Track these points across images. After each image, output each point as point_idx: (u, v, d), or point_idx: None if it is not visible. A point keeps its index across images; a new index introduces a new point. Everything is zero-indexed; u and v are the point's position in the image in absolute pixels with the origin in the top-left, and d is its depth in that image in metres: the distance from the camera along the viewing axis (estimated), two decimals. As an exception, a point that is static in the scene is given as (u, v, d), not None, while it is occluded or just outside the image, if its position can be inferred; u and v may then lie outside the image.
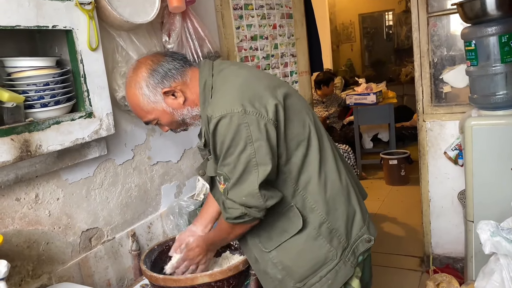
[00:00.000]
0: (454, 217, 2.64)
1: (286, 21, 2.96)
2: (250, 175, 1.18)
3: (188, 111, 1.34)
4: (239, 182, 1.20)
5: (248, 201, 1.20)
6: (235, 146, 1.18)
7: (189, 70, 1.34)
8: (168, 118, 1.34)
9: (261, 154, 1.18)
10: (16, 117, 1.30)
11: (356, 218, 1.36)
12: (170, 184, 2.11)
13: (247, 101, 1.19)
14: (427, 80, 2.55)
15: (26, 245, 1.44)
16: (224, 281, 1.41)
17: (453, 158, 2.49)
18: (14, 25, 1.28)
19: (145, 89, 1.29)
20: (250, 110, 1.18)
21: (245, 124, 1.16)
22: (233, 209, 1.22)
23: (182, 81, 1.31)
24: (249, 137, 1.17)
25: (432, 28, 2.49)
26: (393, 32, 8.11)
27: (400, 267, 2.94)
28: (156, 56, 1.33)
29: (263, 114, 1.19)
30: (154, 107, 1.31)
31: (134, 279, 1.78)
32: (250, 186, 1.19)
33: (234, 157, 1.18)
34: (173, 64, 1.31)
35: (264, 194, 1.19)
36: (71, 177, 1.60)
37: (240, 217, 1.23)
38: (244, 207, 1.21)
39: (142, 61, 1.33)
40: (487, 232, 1.48)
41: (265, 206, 1.21)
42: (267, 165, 1.19)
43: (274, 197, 1.23)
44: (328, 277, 1.30)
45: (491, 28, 1.83)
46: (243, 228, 1.30)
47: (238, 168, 1.19)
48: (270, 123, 1.19)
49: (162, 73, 1.29)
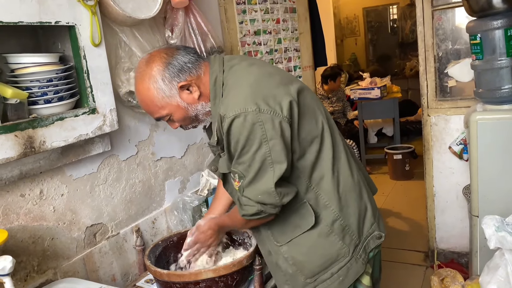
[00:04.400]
0: (458, 212, 2.64)
1: (289, 16, 2.94)
2: (266, 173, 1.18)
3: (202, 107, 1.30)
4: (254, 180, 1.19)
5: (264, 199, 1.20)
6: (250, 145, 1.16)
7: (202, 64, 1.30)
8: (182, 114, 1.30)
9: (276, 152, 1.17)
10: (20, 114, 1.30)
11: (368, 214, 1.36)
12: (174, 179, 2.11)
13: (260, 99, 1.17)
14: (432, 74, 2.53)
15: (31, 241, 1.45)
16: (228, 276, 1.41)
17: (458, 152, 2.48)
18: (17, 21, 1.28)
19: (160, 83, 1.23)
20: (265, 108, 1.16)
21: (260, 123, 1.15)
22: (249, 206, 1.22)
23: (197, 75, 1.27)
24: (264, 135, 1.15)
25: (437, 21, 2.47)
26: (397, 26, 8.05)
27: (405, 262, 2.94)
28: (169, 49, 1.28)
29: (278, 112, 1.17)
30: (169, 102, 1.26)
31: (139, 274, 1.79)
32: (266, 184, 1.18)
33: (249, 156, 1.17)
34: (188, 58, 1.27)
35: (280, 192, 1.19)
36: (75, 173, 1.60)
37: (256, 214, 1.23)
38: (260, 205, 1.21)
39: (155, 54, 1.27)
40: (492, 227, 1.48)
41: (281, 203, 1.21)
42: (283, 163, 1.18)
43: (290, 193, 1.23)
44: (340, 274, 1.30)
45: (496, 22, 1.81)
46: (257, 222, 1.31)
47: (254, 167, 1.18)
48: (284, 120, 1.18)
49: (178, 66, 1.24)
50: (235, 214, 1.37)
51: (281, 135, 1.17)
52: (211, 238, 1.45)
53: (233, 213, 1.42)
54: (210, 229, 1.44)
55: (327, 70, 5.02)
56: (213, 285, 1.40)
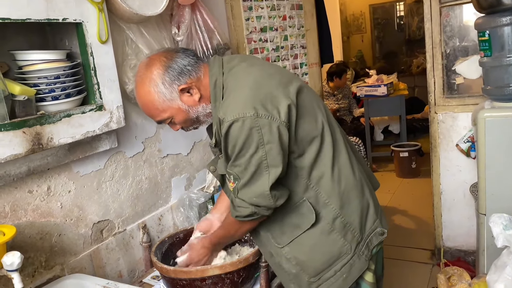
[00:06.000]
0: (465, 210, 2.62)
1: (296, 12, 2.93)
2: (261, 176, 1.19)
3: (203, 108, 1.31)
4: (249, 183, 1.20)
5: (259, 201, 1.21)
6: (247, 148, 1.17)
7: (202, 66, 1.31)
8: (183, 116, 1.31)
9: (272, 156, 1.18)
10: (28, 110, 1.31)
11: (370, 211, 1.36)
12: (180, 176, 2.12)
13: (259, 103, 1.17)
14: (439, 71, 2.51)
15: (39, 237, 1.46)
16: (234, 273, 1.41)
17: (465, 150, 2.46)
18: (25, 18, 1.29)
19: (161, 87, 1.24)
20: (263, 113, 1.16)
21: (257, 128, 1.15)
22: (242, 207, 1.23)
23: (197, 78, 1.28)
24: (261, 140, 1.16)
25: (445, 18, 2.45)
26: (404, 23, 7.99)
27: (411, 260, 2.93)
28: (168, 52, 1.29)
29: (275, 117, 1.17)
30: (170, 105, 1.27)
31: (145, 271, 1.80)
32: (261, 187, 1.19)
33: (246, 159, 1.18)
34: (188, 60, 1.27)
35: (274, 194, 1.20)
36: (82, 169, 1.61)
37: (249, 215, 1.24)
38: (254, 207, 1.22)
39: (155, 58, 1.27)
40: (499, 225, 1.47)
41: (275, 206, 1.23)
42: (278, 166, 1.19)
43: (284, 195, 1.24)
44: (343, 271, 1.30)
45: (505, 18, 1.79)
46: (251, 224, 1.31)
47: (249, 170, 1.19)
48: (282, 125, 1.18)
49: (178, 69, 1.25)
50: (228, 221, 1.38)
51: (279, 139, 1.18)
52: (205, 257, 1.46)
53: (225, 220, 1.42)
54: (204, 247, 1.45)
55: (332, 67, 4.99)
56: (219, 281, 1.40)
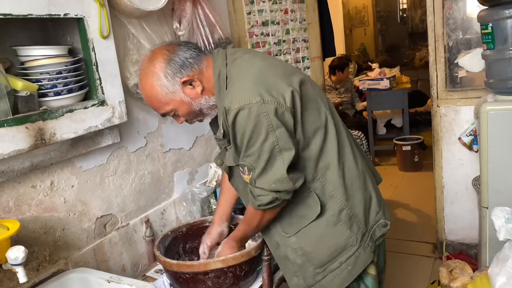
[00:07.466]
0: (468, 203, 2.62)
1: (297, 6, 2.92)
2: (276, 161, 1.20)
3: (206, 101, 1.32)
4: (265, 170, 1.21)
5: (278, 186, 1.21)
6: (257, 136, 1.18)
7: (204, 59, 1.32)
8: (186, 109, 1.32)
9: (283, 140, 1.19)
10: (30, 106, 1.32)
11: (373, 203, 1.37)
12: (183, 171, 2.13)
13: (264, 90, 1.19)
14: (442, 64, 2.50)
15: (42, 231, 1.47)
16: (236, 266, 1.42)
17: (468, 144, 2.46)
18: (26, 13, 1.29)
19: (163, 79, 1.26)
20: (268, 99, 1.17)
21: (265, 114, 1.16)
22: (263, 196, 1.24)
23: (199, 70, 1.30)
24: (270, 125, 1.17)
25: (448, 11, 2.44)
26: (407, 16, 7.95)
27: (413, 253, 2.94)
28: (171, 46, 1.31)
29: (281, 103, 1.19)
30: (172, 97, 1.29)
31: (148, 265, 1.81)
32: (278, 172, 1.20)
33: (257, 147, 1.19)
34: (190, 53, 1.29)
35: (292, 177, 1.22)
36: (85, 164, 1.62)
37: (271, 202, 1.25)
38: (275, 192, 1.22)
39: (157, 51, 1.29)
40: (501, 218, 1.47)
41: (294, 188, 1.24)
42: (291, 149, 1.20)
43: (301, 177, 1.25)
44: (348, 263, 1.31)
45: (508, 11, 1.78)
46: (273, 212, 1.32)
47: (263, 157, 1.20)
48: (288, 111, 1.19)
49: (180, 62, 1.27)
50: (249, 215, 1.38)
51: (287, 124, 1.19)
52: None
53: (246, 216, 1.42)
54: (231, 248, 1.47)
55: (334, 61, 4.98)
56: (222, 275, 1.41)
